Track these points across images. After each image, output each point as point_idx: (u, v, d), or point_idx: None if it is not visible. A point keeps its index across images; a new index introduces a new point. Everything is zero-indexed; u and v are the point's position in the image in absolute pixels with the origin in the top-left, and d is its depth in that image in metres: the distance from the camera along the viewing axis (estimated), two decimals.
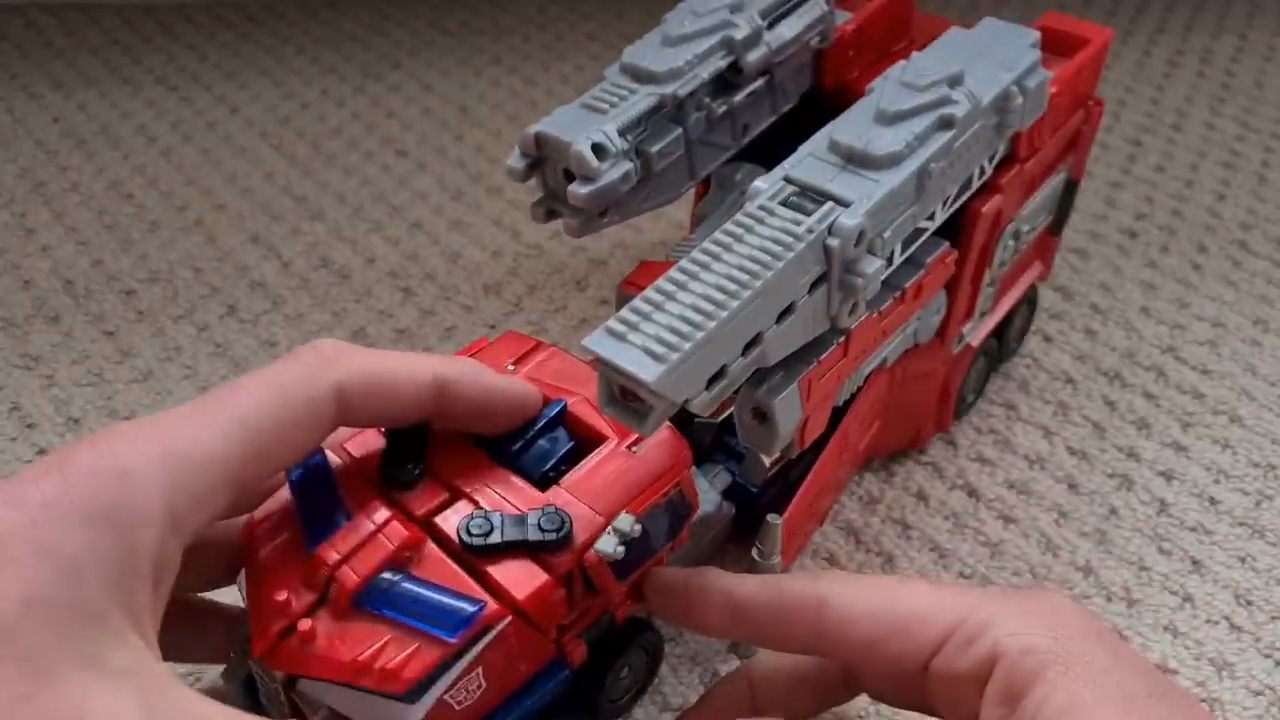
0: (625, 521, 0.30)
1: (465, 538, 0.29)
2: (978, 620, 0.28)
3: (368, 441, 0.32)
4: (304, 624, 0.28)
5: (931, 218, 0.36)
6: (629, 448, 0.32)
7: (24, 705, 0.21)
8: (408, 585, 0.29)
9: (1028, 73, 0.37)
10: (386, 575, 0.29)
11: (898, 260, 0.35)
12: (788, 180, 0.32)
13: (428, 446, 0.32)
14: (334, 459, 0.32)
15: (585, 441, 0.33)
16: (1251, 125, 0.69)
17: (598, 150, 0.34)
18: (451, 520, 0.30)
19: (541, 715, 0.32)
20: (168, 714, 0.23)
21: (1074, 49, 0.41)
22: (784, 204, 0.32)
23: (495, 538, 0.29)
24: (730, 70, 0.38)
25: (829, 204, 0.31)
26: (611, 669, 0.34)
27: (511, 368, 0.35)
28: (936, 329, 0.42)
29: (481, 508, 0.30)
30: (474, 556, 0.29)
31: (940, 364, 0.44)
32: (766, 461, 0.38)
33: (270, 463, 0.27)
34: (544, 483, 0.31)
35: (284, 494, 0.31)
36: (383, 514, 0.30)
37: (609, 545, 0.30)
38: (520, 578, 0.29)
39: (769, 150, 0.40)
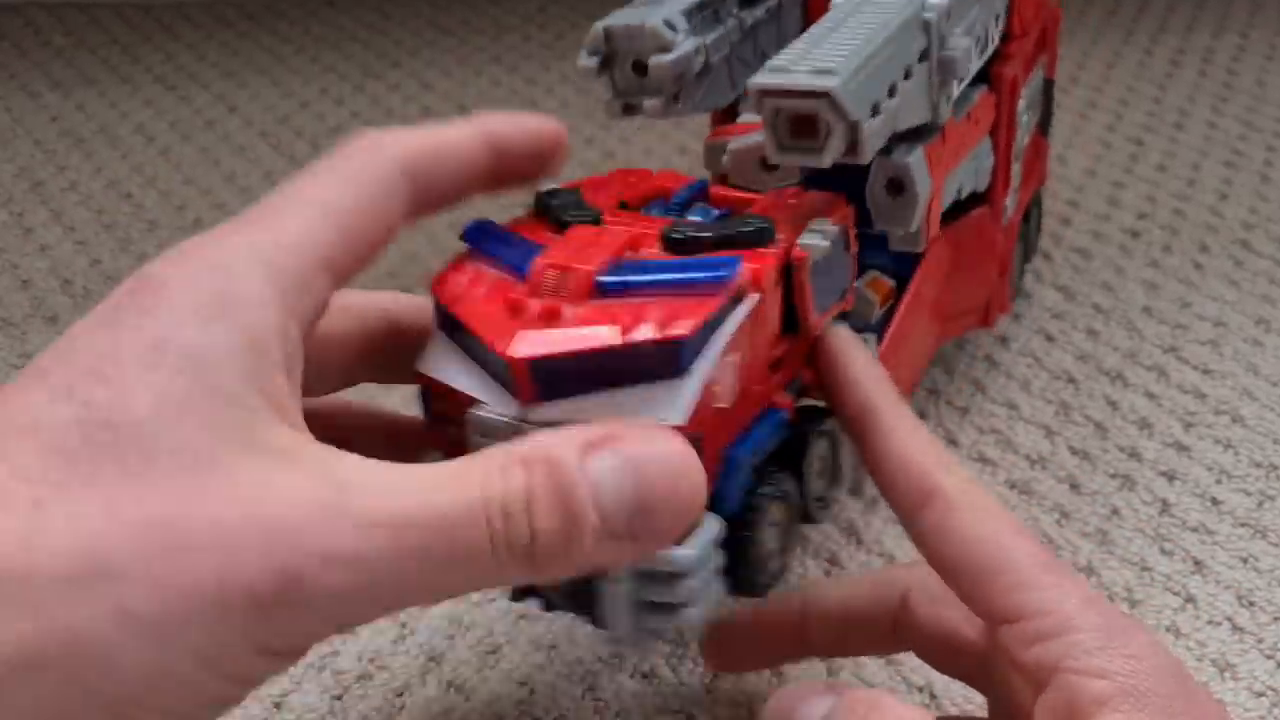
0: (824, 223, 0.29)
1: (673, 234, 0.28)
2: (1058, 619, 0.26)
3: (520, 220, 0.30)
4: (549, 304, 0.25)
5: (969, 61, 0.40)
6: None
7: (196, 500, 0.19)
8: (655, 262, 0.27)
9: None
10: (625, 262, 0.27)
11: (972, 68, 0.39)
12: None
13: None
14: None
15: (734, 209, 0.31)
16: (1254, 124, 0.69)
17: (669, 25, 0.37)
18: (651, 238, 0.28)
19: (765, 469, 0.29)
20: (357, 482, 0.20)
21: None
22: None
23: (703, 235, 0.28)
24: None
25: None
26: (806, 456, 0.31)
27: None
28: (989, 175, 0.46)
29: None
30: (685, 254, 0.28)
31: (995, 231, 0.48)
32: (877, 298, 0.40)
33: (360, 247, 0.25)
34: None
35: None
36: (591, 230, 0.28)
37: (815, 239, 0.28)
38: (745, 263, 0.27)
39: None
